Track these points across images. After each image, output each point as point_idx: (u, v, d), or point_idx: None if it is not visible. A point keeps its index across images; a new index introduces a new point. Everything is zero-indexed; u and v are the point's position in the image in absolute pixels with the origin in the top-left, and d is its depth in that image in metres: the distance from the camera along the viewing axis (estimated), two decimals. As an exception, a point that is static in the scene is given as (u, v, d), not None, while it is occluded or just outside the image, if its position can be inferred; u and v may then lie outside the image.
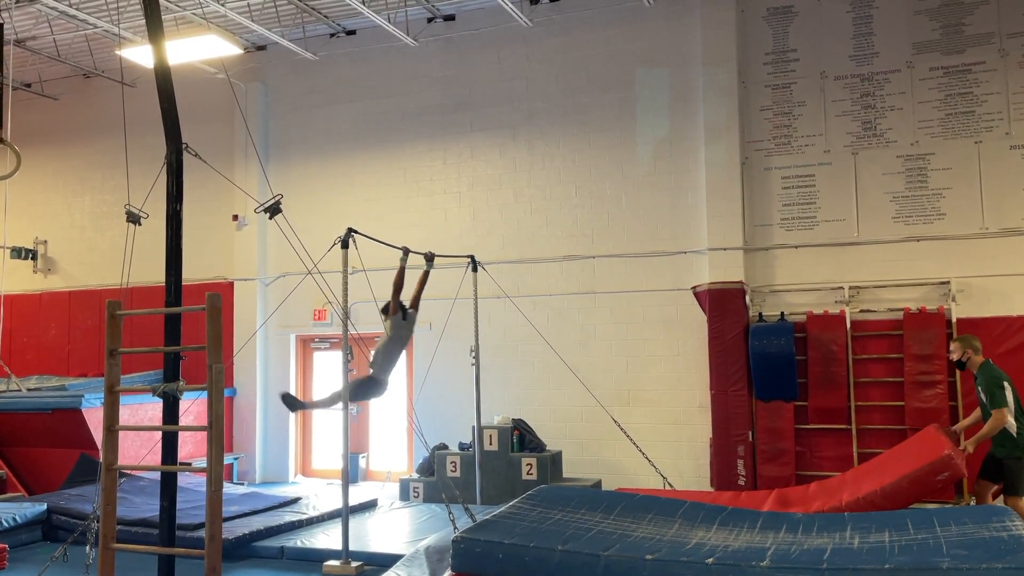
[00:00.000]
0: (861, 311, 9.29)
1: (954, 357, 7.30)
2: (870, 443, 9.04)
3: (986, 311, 8.86)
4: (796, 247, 9.65)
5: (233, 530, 7.24)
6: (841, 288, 9.37)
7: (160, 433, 4.89)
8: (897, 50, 9.49)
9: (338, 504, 7.83)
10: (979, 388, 7.05)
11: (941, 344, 8.79)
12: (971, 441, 6.92)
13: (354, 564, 6.63)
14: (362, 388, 7.75)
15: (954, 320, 8.88)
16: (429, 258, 8.30)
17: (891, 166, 9.43)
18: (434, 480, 9.40)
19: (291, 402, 8.11)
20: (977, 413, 7.28)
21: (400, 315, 7.78)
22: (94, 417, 9.36)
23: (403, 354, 8.06)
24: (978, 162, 9.14)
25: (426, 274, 8.22)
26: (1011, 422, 6.70)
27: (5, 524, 7.45)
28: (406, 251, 7.89)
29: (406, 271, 7.86)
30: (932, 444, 6.88)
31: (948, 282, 9.02)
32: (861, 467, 7.91)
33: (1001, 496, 7.01)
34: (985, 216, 9.07)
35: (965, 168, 9.17)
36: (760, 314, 9.52)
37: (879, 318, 9.23)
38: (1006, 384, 6.81)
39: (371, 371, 7.81)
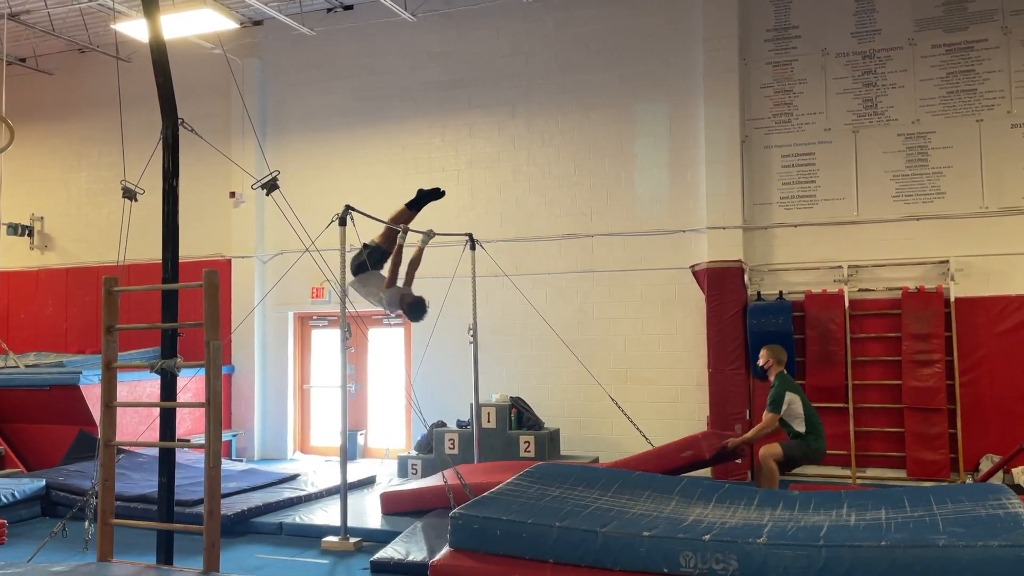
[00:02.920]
0: (860, 290, 9.28)
1: (760, 363, 7.81)
2: (867, 422, 9.08)
3: (985, 290, 8.86)
4: (795, 226, 9.63)
5: (232, 506, 7.26)
6: (840, 267, 9.36)
7: (158, 409, 4.89)
8: (899, 27, 9.41)
9: (336, 481, 7.85)
10: (770, 394, 7.57)
11: (940, 324, 8.80)
12: (738, 439, 7.55)
13: (352, 540, 6.66)
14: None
15: (953, 299, 8.88)
16: (429, 235, 8.05)
17: (891, 144, 9.39)
18: (432, 457, 9.43)
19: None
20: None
21: (395, 290, 7.63)
22: (92, 393, 9.36)
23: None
24: (979, 141, 9.10)
25: (420, 251, 7.96)
26: (789, 426, 7.44)
27: (4, 500, 7.47)
28: (404, 231, 7.79)
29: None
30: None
31: (947, 261, 9.00)
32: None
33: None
34: (985, 195, 9.04)
35: (966, 147, 9.13)
36: (759, 293, 9.51)
37: (878, 297, 9.23)
38: (792, 395, 7.43)
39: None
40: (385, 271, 7.75)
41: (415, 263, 7.89)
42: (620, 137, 10.33)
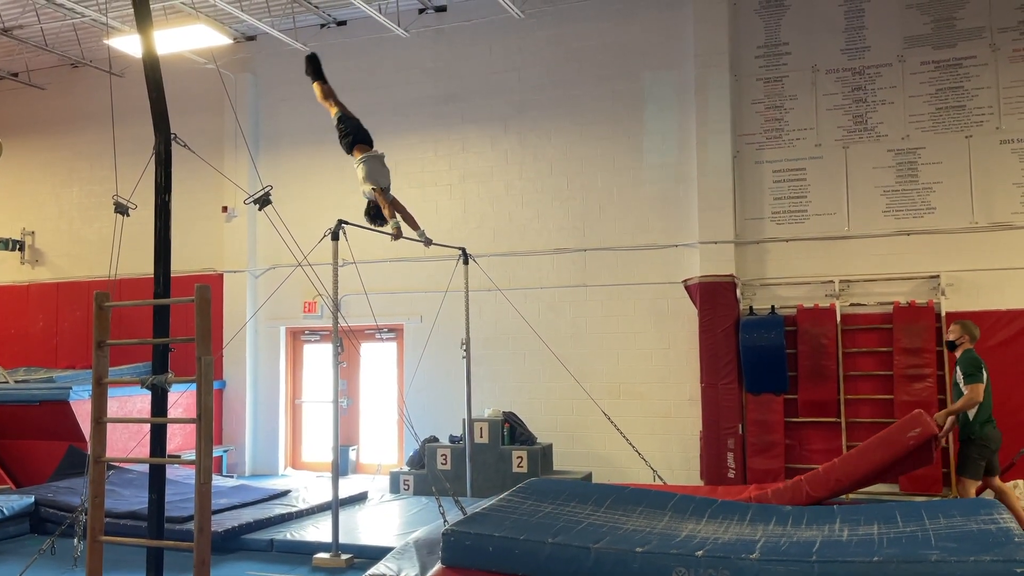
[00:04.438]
0: (851, 305, 9.31)
1: (950, 337, 7.48)
2: (859, 436, 9.04)
3: (975, 305, 8.89)
4: (787, 241, 9.67)
5: (223, 523, 7.21)
6: (831, 282, 9.39)
7: (148, 425, 4.86)
8: (888, 44, 9.49)
9: (328, 497, 7.81)
10: (956, 370, 7.23)
11: (931, 338, 8.83)
12: (943, 413, 7.17)
13: (344, 557, 6.62)
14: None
15: (943, 314, 8.91)
16: (426, 243, 7.95)
17: (882, 160, 9.45)
18: (424, 473, 9.39)
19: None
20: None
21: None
22: (82, 409, 9.30)
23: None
24: (968, 156, 9.16)
25: (401, 223, 7.42)
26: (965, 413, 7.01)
27: (-8, 517, 7.41)
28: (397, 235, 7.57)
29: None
30: (907, 414, 7.13)
31: (938, 276, 9.05)
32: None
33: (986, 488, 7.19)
34: (975, 210, 9.10)
35: (955, 162, 9.20)
36: (751, 307, 9.53)
37: (869, 312, 9.26)
38: (983, 368, 7.07)
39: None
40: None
41: (398, 210, 7.55)
42: (612, 152, 10.37)
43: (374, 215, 7.47)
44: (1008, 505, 7.01)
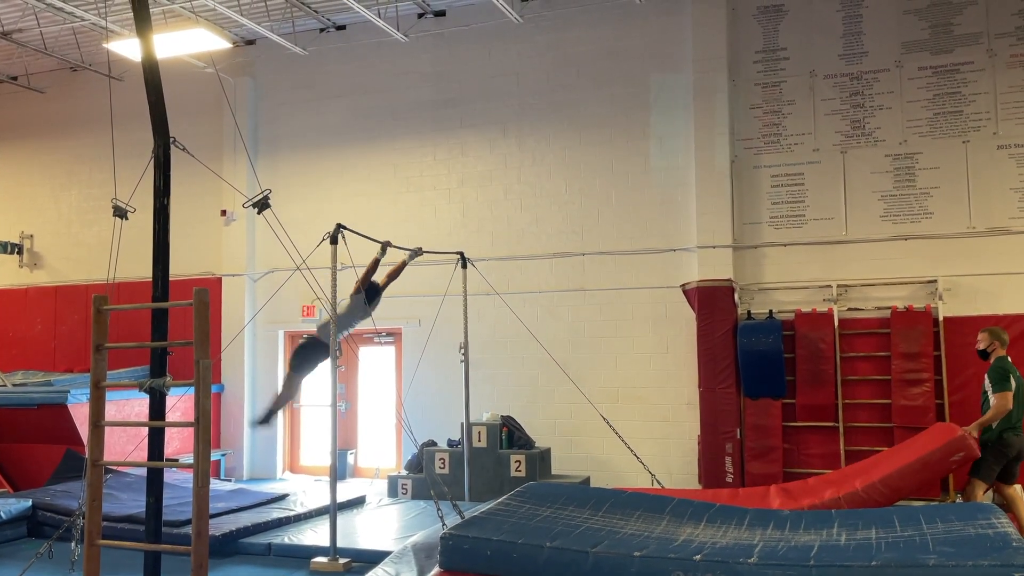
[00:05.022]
0: (849, 309, 9.33)
1: (981, 346, 7.45)
2: (857, 440, 9.10)
3: (973, 310, 8.91)
4: (785, 245, 9.69)
5: (220, 526, 7.21)
6: (829, 286, 9.41)
7: (146, 429, 4.86)
8: (886, 49, 9.52)
9: (326, 501, 7.81)
10: (986, 379, 7.24)
11: (928, 342, 8.84)
12: (974, 425, 7.13)
13: (342, 561, 6.62)
14: (304, 354, 7.61)
15: (941, 318, 8.93)
16: (416, 252, 8.16)
17: (879, 165, 9.47)
18: (423, 477, 9.39)
19: (266, 419, 8.31)
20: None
21: (363, 294, 7.52)
22: (80, 413, 9.30)
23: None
24: (966, 161, 9.19)
25: (403, 264, 7.99)
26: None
27: (-10, 520, 7.40)
28: (386, 246, 7.77)
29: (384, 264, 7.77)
30: (944, 431, 7.10)
31: (935, 281, 9.06)
32: (866, 461, 7.93)
33: (991, 492, 7.22)
34: (972, 215, 9.12)
35: (953, 167, 9.22)
36: (749, 312, 9.54)
37: (867, 316, 9.27)
38: (1012, 376, 7.06)
39: (316, 333, 7.64)
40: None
41: (394, 275, 7.91)
42: (611, 156, 10.39)
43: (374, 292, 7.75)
44: (1015, 512, 7.02)
